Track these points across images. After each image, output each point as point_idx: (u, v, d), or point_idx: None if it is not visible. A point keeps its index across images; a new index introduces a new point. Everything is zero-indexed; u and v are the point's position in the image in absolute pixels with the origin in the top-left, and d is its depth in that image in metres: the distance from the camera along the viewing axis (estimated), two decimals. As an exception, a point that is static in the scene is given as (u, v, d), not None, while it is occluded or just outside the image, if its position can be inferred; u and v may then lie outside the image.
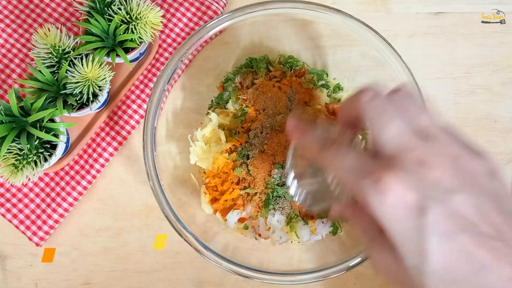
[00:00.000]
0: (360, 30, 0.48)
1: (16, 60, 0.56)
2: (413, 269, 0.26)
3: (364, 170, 0.27)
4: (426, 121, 0.28)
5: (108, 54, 0.49)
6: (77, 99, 0.49)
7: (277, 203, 0.49)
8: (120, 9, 0.48)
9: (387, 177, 0.25)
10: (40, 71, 0.47)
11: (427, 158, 0.26)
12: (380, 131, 0.27)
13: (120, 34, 0.48)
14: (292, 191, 0.39)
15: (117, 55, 0.49)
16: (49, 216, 0.52)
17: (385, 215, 0.26)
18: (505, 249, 0.25)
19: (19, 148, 0.46)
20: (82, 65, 0.47)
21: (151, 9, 0.48)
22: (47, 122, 0.47)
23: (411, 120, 0.28)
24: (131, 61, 0.54)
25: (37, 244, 0.52)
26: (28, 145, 0.46)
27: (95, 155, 0.54)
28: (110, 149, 0.54)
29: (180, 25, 0.56)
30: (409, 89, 0.30)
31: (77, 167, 0.54)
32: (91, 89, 0.48)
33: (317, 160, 0.31)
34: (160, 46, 0.56)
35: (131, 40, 0.49)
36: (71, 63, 0.48)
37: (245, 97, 0.51)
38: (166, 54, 0.56)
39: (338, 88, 0.54)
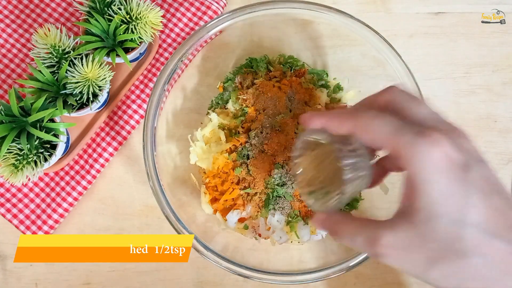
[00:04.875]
0: (360, 30, 0.48)
1: (16, 60, 0.56)
2: (451, 224, 0.27)
3: (409, 128, 0.28)
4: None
5: (108, 54, 0.49)
6: (77, 99, 0.49)
7: (277, 203, 0.49)
8: (120, 9, 0.48)
9: (436, 134, 0.27)
10: (40, 71, 0.47)
11: (460, 133, 0.29)
12: (418, 108, 0.30)
13: (120, 34, 0.48)
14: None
15: (117, 55, 0.49)
16: (49, 216, 0.52)
17: (429, 167, 0.27)
18: None
19: (19, 148, 0.46)
20: (82, 65, 0.47)
21: (151, 9, 0.48)
22: (47, 122, 0.47)
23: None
24: (131, 61, 0.54)
25: (37, 244, 0.53)
26: (28, 145, 0.46)
27: (95, 155, 0.54)
28: (110, 149, 0.54)
29: (180, 25, 0.56)
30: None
31: (77, 167, 0.54)
32: (91, 89, 0.48)
33: (350, 125, 0.31)
34: (160, 46, 0.56)
35: (131, 40, 0.49)
36: (71, 63, 0.48)
37: (245, 97, 0.51)
38: (166, 54, 0.56)
39: (338, 88, 0.54)
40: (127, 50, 0.51)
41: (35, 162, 0.47)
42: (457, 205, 0.27)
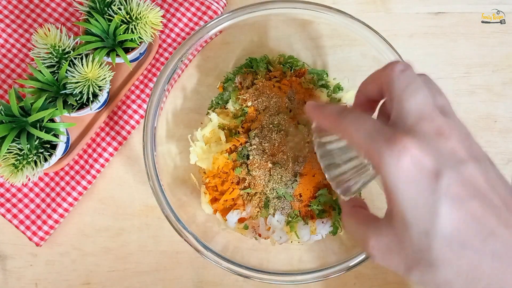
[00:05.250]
0: (360, 30, 0.48)
1: (16, 60, 0.56)
2: (421, 234, 0.26)
3: (382, 133, 0.28)
4: (445, 100, 0.31)
5: (108, 54, 0.49)
6: (77, 99, 0.49)
7: (277, 203, 0.49)
8: (120, 9, 0.48)
9: (406, 140, 0.26)
10: (40, 71, 0.47)
11: (445, 130, 0.27)
12: (407, 99, 0.29)
13: (120, 34, 0.48)
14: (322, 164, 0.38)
15: (117, 55, 0.49)
16: (49, 216, 0.52)
17: (399, 177, 0.26)
18: (511, 217, 0.26)
19: (19, 148, 0.46)
20: (82, 65, 0.47)
21: (151, 9, 0.48)
22: (47, 122, 0.47)
23: (434, 96, 0.30)
24: (131, 61, 0.54)
25: (37, 244, 0.52)
26: (28, 145, 0.46)
27: (95, 155, 0.54)
28: (110, 149, 0.54)
29: (180, 25, 0.56)
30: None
31: (77, 167, 0.54)
32: (91, 89, 0.48)
33: (334, 128, 0.32)
34: (160, 46, 0.56)
35: (131, 40, 0.49)
36: (71, 63, 0.48)
37: (245, 97, 0.51)
38: (166, 54, 0.56)
39: (338, 88, 0.54)
40: (127, 50, 0.51)
41: (35, 162, 0.47)
42: (425, 216, 0.26)
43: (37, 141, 0.47)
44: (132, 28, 0.48)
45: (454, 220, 0.26)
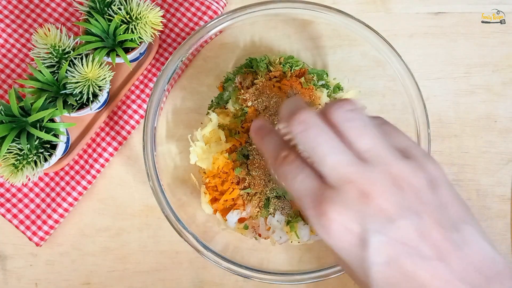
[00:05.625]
0: (360, 30, 0.48)
1: (16, 60, 0.56)
2: (362, 281, 0.28)
3: (311, 198, 0.28)
4: (366, 143, 0.28)
5: (108, 54, 0.49)
6: (77, 99, 0.49)
7: (277, 203, 0.49)
8: (120, 9, 0.48)
9: (330, 211, 0.27)
10: (40, 71, 0.47)
11: (368, 189, 0.26)
12: (318, 163, 0.28)
13: (120, 34, 0.48)
14: None
15: (117, 55, 0.49)
16: (49, 216, 0.52)
17: (331, 244, 0.28)
18: (443, 267, 0.26)
19: (19, 148, 0.46)
20: (82, 65, 0.47)
21: (151, 9, 0.48)
22: (47, 122, 0.47)
23: (351, 144, 0.28)
24: (131, 61, 0.54)
25: (37, 244, 0.52)
26: (28, 145, 0.46)
27: (95, 155, 0.54)
28: (110, 149, 0.54)
29: (180, 25, 0.56)
30: (349, 105, 0.29)
31: (77, 167, 0.54)
32: (91, 89, 0.48)
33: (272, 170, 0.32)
34: (160, 46, 0.56)
35: (131, 40, 0.49)
36: (71, 63, 0.48)
37: (245, 97, 0.51)
38: (166, 54, 0.56)
39: (338, 88, 0.54)
40: (127, 50, 0.51)
41: (35, 162, 0.47)
42: (361, 274, 0.27)
43: (37, 141, 0.47)
44: (132, 28, 0.48)
45: (385, 282, 0.27)
